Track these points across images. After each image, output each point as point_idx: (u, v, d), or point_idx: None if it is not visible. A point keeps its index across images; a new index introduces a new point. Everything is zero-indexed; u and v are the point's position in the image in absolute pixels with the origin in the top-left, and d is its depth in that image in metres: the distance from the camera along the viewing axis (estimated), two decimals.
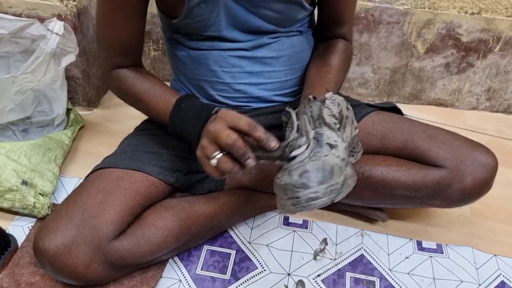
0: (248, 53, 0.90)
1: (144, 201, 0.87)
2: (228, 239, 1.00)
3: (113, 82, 0.91)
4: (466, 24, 1.29)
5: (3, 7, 1.17)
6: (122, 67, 0.89)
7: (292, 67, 0.95)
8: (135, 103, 0.90)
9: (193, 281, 0.91)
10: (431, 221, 1.08)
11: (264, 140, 0.66)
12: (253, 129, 0.66)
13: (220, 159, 0.66)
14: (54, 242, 0.76)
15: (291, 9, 0.86)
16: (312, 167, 0.65)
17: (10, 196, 0.98)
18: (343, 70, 0.93)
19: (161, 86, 0.88)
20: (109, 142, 1.08)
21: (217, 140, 0.66)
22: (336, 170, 0.66)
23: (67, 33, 1.06)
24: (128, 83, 0.88)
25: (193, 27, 0.85)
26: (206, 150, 0.68)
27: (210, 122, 0.70)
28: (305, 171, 0.65)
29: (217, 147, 0.67)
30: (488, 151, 0.90)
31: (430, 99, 1.48)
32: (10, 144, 1.03)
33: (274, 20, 0.86)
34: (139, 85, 0.88)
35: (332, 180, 0.66)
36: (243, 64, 0.91)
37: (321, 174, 0.65)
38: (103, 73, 0.92)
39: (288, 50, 0.92)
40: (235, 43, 0.88)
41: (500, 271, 0.98)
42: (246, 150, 0.65)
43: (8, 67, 1.17)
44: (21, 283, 0.87)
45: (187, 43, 0.90)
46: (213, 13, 0.82)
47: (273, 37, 0.90)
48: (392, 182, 0.90)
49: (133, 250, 0.82)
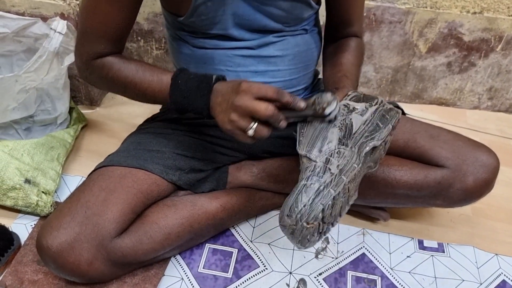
0: (253, 51, 0.90)
1: (146, 199, 0.87)
2: (230, 237, 1.00)
3: (97, 71, 0.85)
4: (468, 23, 1.29)
5: (6, 6, 1.17)
6: (105, 55, 0.85)
7: (296, 66, 0.95)
8: (125, 89, 0.86)
9: (195, 279, 0.92)
10: (432, 220, 1.09)
11: (293, 102, 0.72)
12: (281, 95, 0.72)
13: (257, 129, 0.72)
14: (57, 240, 0.77)
15: (298, 7, 0.86)
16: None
17: (13, 194, 0.98)
18: (356, 66, 0.94)
19: (149, 66, 0.85)
20: (112, 141, 1.08)
21: (253, 114, 0.71)
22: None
23: (70, 32, 1.06)
24: (115, 68, 0.84)
25: (198, 25, 0.85)
26: (240, 124, 0.72)
27: (233, 94, 0.73)
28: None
29: (250, 118, 0.72)
30: (490, 151, 0.90)
31: (432, 98, 1.48)
32: (13, 143, 1.03)
33: (281, 19, 0.86)
34: (126, 68, 0.84)
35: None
36: (248, 63, 0.91)
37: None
38: (81, 64, 0.87)
39: (293, 49, 0.92)
40: (241, 42, 0.88)
41: (501, 270, 0.98)
42: (279, 117, 0.72)
43: (11, 66, 1.17)
44: (24, 281, 0.87)
45: (191, 41, 0.90)
46: (219, 11, 0.82)
47: (278, 36, 0.89)
48: (393, 182, 0.90)
49: (136, 248, 0.82)
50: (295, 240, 0.71)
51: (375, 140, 0.74)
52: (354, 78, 0.90)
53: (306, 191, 0.69)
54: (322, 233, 0.73)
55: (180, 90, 0.80)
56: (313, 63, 1.00)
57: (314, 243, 0.73)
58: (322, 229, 0.72)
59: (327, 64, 0.97)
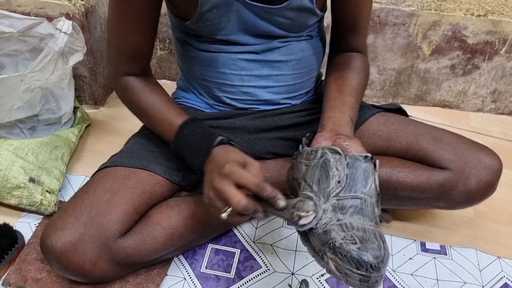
0: (257, 56, 0.90)
1: (149, 200, 0.87)
2: (233, 238, 1.01)
3: (121, 91, 0.91)
4: (472, 26, 1.29)
5: (12, 5, 1.18)
6: (130, 74, 0.88)
7: (300, 71, 0.95)
8: (141, 117, 0.91)
9: (197, 279, 0.92)
10: (435, 222, 1.09)
11: (273, 200, 0.66)
12: (261, 190, 0.66)
13: (230, 214, 0.67)
14: (61, 240, 0.77)
15: (302, 16, 0.86)
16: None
17: (18, 193, 0.99)
18: (362, 90, 0.92)
19: (167, 103, 0.87)
20: (115, 141, 1.08)
21: (227, 201, 0.66)
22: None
23: (75, 32, 1.07)
24: (136, 95, 0.88)
25: (204, 30, 0.86)
26: (215, 203, 0.69)
27: (216, 171, 0.69)
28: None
29: (224, 202, 0.67)
30: (492, 153, 0.91)
31: (435, 100, 1.48)
32: (17, 142, 1.04)
33: (286, 26, 0.86)
34: (145, 99, 0.88)
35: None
36: (252, 67, 0.91)
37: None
38: (111, 79, 0.92)
39: (297, 55, 0.92)
40: (245, 46, 0.88)
41: (504, 273, 0.98)
42: (255, 209, 0.66)
43: (16, 66, 1.18)
44: (28, 279, 0.87)
45: (196, 45, 0.90)
46: (224, 17, 0.83)
47: (283, 41, 0.90)
48: (396, 183, 0.90)
49: (139, 248, 0.83)
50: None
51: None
52: (358, 103, 0.88)
53: None
54: None
55: (183, 142, 0.82)
56: (317, 68, 1.00)
57: None
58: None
59: (331, 79, 0.93)
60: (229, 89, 0.94)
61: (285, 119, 0.98)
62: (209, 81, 0.94)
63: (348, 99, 0.86)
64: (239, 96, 0.95)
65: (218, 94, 0.95)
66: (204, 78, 0.94)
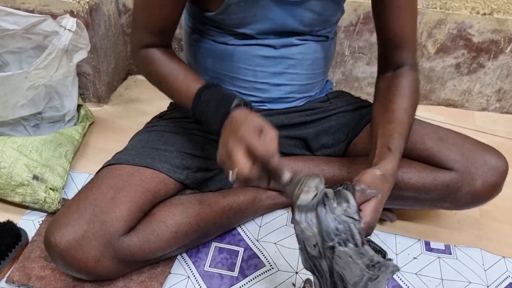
0: (275, 52, 0.90)
1: (153, 198, 0.87)
2: (237, 236, 1.00)
3: (140, 61, 0.90)
4: (477, 24, 1.28)
5: (16, 3, 1.18)
6: (152, 47, 0.88)
7: (313, 72, 0.95)
8: (158, 84, 0.89)
9: (201, 277, 0.92)
10: (439, 222, 1.08)
11: (277, 171, 0.66)
12: (269, 159, 0.65)
13: (236, 176, 0.66)
14: (65, 237, 0.77)
15: (328, 9, 0.86)
16: None
17: (21, 190, 0.99)
18: (410, 114, 0.85)
19: (185, 70, 0.86)
20: (119, 138, 1.08)
21: (234, 165, 0.66)
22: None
23: (79, 30, 1.07)
24: (155, 63, 0.87)
25: (227, 23, 0.85)
26: (225, 163, 0.69)
27: (232, 133, 0.69)
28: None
29: (233, 165, 0.67)
30: (498, 154, 0.90)
31: (440, 99, 1.47)
32: (21, 139, 1.04)
33: (309, 22, 0.86)
34: (164, 66, 0.87)
35: None
36: (268, 63, 0.91)
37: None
38: (133, 51, 0.92)
39: (313, 55, 0.93)
40: (264, 40, 0.88)
41: (509, 273, 0.97)
42: (260, 179, 0.67)
43: (20, 63, 1.18)
44: (32, 277, 0.87)
45: (213, 36, 0.90)
46: (251, 12, 0.83)
47: (301, 39, 0.90)
48: (401, 184, 0.90)
49: (143, 246, 0.83)
50: None
51: None
52: (405, 133, 0.82)
53: None
54: None
55: (201, 107, 0.81)
56: (327, 70, 1.01)
57: None
58: None
59: (378, 105, 0.89)
60: (241, 84, 0.94)
61: (291, 117, 0.98)
62: (222, 74, 0.94)
63: (394, 128, 0.81)
64: (250, 92, 0.95)
65: (230, 87, 0.95)
66: (217, 71, 0.94)
